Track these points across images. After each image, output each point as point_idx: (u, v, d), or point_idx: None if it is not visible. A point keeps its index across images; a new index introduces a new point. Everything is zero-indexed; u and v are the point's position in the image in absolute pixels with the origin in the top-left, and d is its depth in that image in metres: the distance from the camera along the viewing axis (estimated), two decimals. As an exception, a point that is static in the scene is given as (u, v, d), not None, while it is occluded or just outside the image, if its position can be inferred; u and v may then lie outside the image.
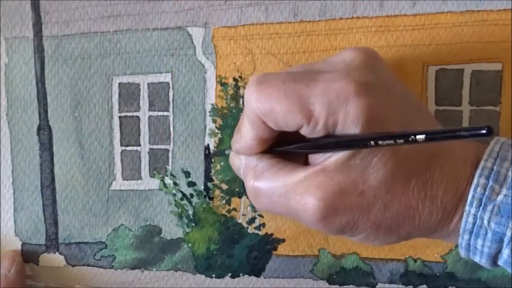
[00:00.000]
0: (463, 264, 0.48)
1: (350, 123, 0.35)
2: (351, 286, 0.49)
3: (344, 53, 0.39)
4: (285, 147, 0.40)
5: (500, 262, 0.38)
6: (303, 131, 0.37)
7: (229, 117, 0.48)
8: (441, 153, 0.38)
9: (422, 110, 0.40)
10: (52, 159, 0.49)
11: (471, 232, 0.37)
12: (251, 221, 0.49)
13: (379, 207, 0.37)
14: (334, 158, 0.37)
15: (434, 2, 0.45)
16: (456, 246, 0.47)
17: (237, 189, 0.49)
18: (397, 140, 0.33)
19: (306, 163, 0.39)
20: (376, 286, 0.49)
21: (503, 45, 0.45)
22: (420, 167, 0.37)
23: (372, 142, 0.34)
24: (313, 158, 0.38)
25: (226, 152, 0.45)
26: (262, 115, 0.37)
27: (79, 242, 0.51)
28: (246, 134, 0.39)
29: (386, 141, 0.34)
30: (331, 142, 0.37)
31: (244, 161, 0.41)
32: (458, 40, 0.45)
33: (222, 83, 0.48)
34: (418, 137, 0.33)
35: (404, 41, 0.46)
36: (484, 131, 0.30)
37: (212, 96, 0.48)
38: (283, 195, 0.38)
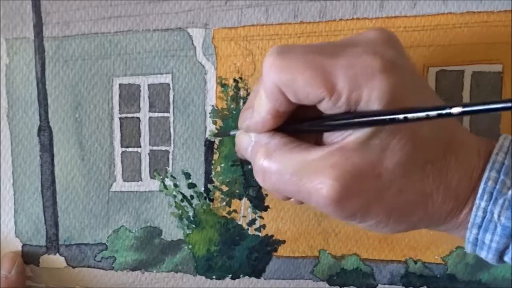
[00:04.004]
0: (464, 266, 0.48)
1: (374, 100, 0.34)
2: (351, 287, 0.49)
3: (367, 32, 0.38)
4: (301, 125, 0.38)
5: (506, 258, 0.37)
6: (323, 106, 0.35)
7: (229, 119, 0.48)
8: (457, 142, 0.37)
9: (436, 97, 0.39)
10: (52, 160, 0.49)
11: (480, 226, 0.37)
12: (252, 222, 0.49)
13: (393, 191, 0.36)
14: (353, 136, 0.35)
15: (434, 3, 0.45)
16: (457, 248, 0.47)
17: (237, 191, 0.49)
18: (429, 114, 0.32)
19: (318, 144, 0.38)
20: (377, 287, 0.49)
21: (504, 46, 0.45)
22: (437, 153, 0.36)
23: (401, 117, 0.33)
24: (330, 137, 0.37)
25: (231, 133, 0.44)
26: (282, 85, 0.35)
27: (79, 244, 0.51)
28: (261, 107, 0.37)
29: (417, 114, 0.32)
30: (354, 118, 0.35)
31: (254, 139, 0.39)
32: (459, 41, 0.45)
33: (223, 84, 0.48)
34: (453, 110, 0.31)
35: (404, 42, 0.45)
36: None
37: (212, 97, 0.48)
38: (295, 174, 0.36)
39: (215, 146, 0.49)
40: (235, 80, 0.48)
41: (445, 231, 0.39)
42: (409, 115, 0.32)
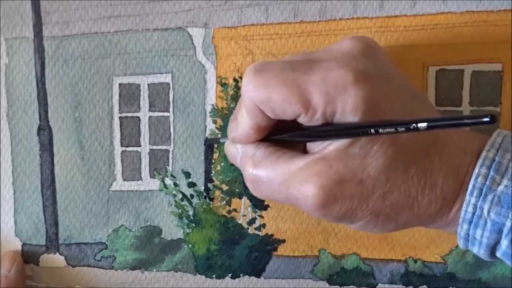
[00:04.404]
0: (464, 265, 0.48)
1: (348, 112, 0.35)
2: (351, 286, 0.49)
3: (342, 42, 0.39)
4: (282, 136, 0.39)
5: (498, 254, 0.38)
6: (301, 120, 0.37)
7: (229, 118, 0.48)
8: (440, 141, 0.38)
9: (421, 99, 0.40)
10: (52, 159, 0.49)
11: (470, 222, 0.37)
12: (251, 221, 0.49)
13: (378, 195, 0.37)
14: (333, 146, 0.37)
15: (434, 3, 0.45)
16: (457, 247, 0.47)
17: (237, 190, 0.49)
18: (398, 128, 0.33)
19: (304, 151, 0.39)
20: (377, 287, 0.49)
21: (503, 45, 0.45)
22: (419, 154, 0.37)
23: (372, 130, 0.34)
24: (312, 146, 0.38)
25: (221, 140, 0.45)
26: (259, 103, 0.37)
27: (79, 243, 0.51)
28: (243, 122, 0.39)
29: (387, 129, 0.34)
30: (330, 130, 0.36)
31: (240, 150, 0.41)
32: (458, 40, 0.45)
33: (223, 84, 0.48)
34: (420, 125, 0.32)
35: (404, 42, 0.46)
36: (487, 119, 0.30)
37: (212, 96, 0.48)
38: (283, 183, 0.38)
39: (215, 145, 0.49)
40: (235, 80, 0.48)
41: (437, 228, 0.40)
42: (380, 130, 0.34)
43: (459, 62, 0.46)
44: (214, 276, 0.50)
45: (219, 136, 0.48)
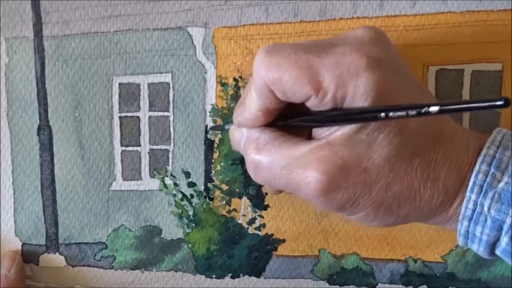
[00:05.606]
0: (463, 264, 0.48)
1: (359, 97, 0.35)
2: (351, 286, 0.49)
3: (355, 31, 0.39)
4: (289, 120, 0.39)
5: (497, 251, 0.38)
6: (310, 103, 0.36)
7: (229, 117, 0.48)
8: (445, 135, 0.38)
9: (426, 92, 0.40)
10: (52, 159, 0.49)
11: (470, 219, 0.37)
12: (251, 221, 0.49)
13: (381, 185, 0.37)
14: (340, 132, 0.36)
15: (434, 2, 0.45)
16: (457, 246, 0.47)
17: (237, 190, 0.49)
18: (409, 112, 0.33)
19: (309, 139, 0.39)
20: (377, 287, 0.49)
21: (503, 45, 0.45)
22: (425, 147, 0.37)
23: (382, 114, 0.34)
24: (318, 132, 0.38)
25: (226, 127, 0.45)
26: (270, 83, 0.37)
27: (79, 243, 0.51)
28: (251, 104, 0.39)
29: (398, 113, 0.33)
30: (339, 115, 0.36)
31: (245, 134, 0.40)
32: (458, 40, 0.45)
33: (223, 83, 0.48)
34: (431, 108, 0.32)
35: (404, 41, 0.46)
36: (501, 103, 0.29)
37: (212, 96, 0.48)
38: (285, 167, 0.38)
39: (215, 145, 0.49)
40: (235, 79, 0.48)
41: (436, 224, 0.40)
42: (390, 113, 0.33)
43: (459, 61, 0.46)
44: (214, 276, 0.50)
45: (219, 135, 0.48)
